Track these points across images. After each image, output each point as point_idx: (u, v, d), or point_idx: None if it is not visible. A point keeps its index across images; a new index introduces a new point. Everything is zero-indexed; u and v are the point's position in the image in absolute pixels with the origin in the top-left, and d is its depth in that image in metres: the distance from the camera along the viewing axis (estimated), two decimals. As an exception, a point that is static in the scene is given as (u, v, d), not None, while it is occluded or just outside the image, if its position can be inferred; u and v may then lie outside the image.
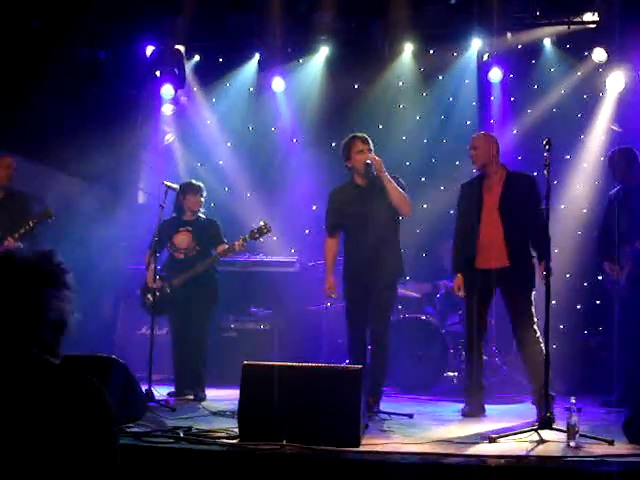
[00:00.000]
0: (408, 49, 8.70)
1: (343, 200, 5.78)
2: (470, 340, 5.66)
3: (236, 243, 6.40)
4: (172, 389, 6.43)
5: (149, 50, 8.73)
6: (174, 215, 6.70)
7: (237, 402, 4.37)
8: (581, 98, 8.44)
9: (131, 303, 7.50)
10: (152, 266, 6.26)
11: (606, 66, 8.14)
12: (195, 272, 6.39)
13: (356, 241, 5.69)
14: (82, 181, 8.55)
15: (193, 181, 6.75)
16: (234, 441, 4.24)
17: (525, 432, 4.62)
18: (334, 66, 8.89)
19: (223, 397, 6.17)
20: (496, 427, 5.12)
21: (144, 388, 5.46)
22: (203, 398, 6.23)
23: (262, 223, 6.50)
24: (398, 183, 5.72)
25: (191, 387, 6.35)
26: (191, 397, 6.26)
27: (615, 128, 8.12)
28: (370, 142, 5.77)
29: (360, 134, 5.80)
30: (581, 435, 4.33)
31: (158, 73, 8.76)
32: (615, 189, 6.61)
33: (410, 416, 5.45)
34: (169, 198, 6.32)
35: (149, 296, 6.38)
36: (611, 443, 4.31)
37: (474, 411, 5.62)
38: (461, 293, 5.73)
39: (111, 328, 8.22)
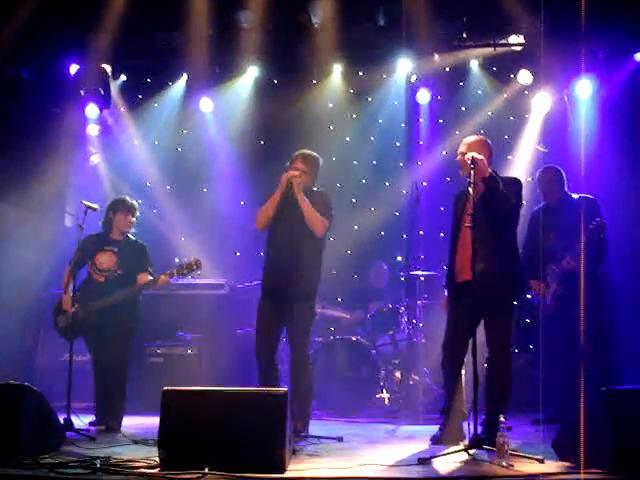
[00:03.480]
0: (337, 70, 8.73)
1: None
2: (444, 355, 5.40)
3: (161, 277, 6.09)
4: (93, 417, 6.15)
5: (73, 69, 8.54)
6: (101, 231, 6.36)
7: (159, 430, 4.21)
8: (508, 119, 8.58)
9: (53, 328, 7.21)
10: (70, 286, 5.99)
11: (532, 87, 8.31)
12: (114, 301, 6.04)
13: (274, 255, 5.61)
14: (5, 204, 8.27)
15: (127, 198, 6.40)
16: (154, 470, 4.06)
17: (455, 452, 4.57)
18: (263, 87, 8.85)
19: (147, 425, 5.96)
20: (427, 448, 5.06)
21: (62, 417, 5.23)
22: (115, 429, 5.89)
23: (193, 259, 6.17)
24: (322, 199, 5.65)
25: (104, 417, 6.02)
26: (103, 427, 5.92)
27: (541, 149, 8.24)
28: (312, 162, 5.68)
29: (306, 152, 5.73)
30: (511, 454, 4.31)
31: (82, 92, 8.57)
32: (538, 206, 6.68)
33: (340, 439, 5.36)
34: (89, 218, 6.09)
35: (62, 317, 6.11)
36: (541, 461, 4.31)
37: (447, 437, 5.20)
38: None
39: (31, 354, 7.91)
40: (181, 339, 7.72)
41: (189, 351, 7.62)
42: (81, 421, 5.80)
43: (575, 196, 6.53)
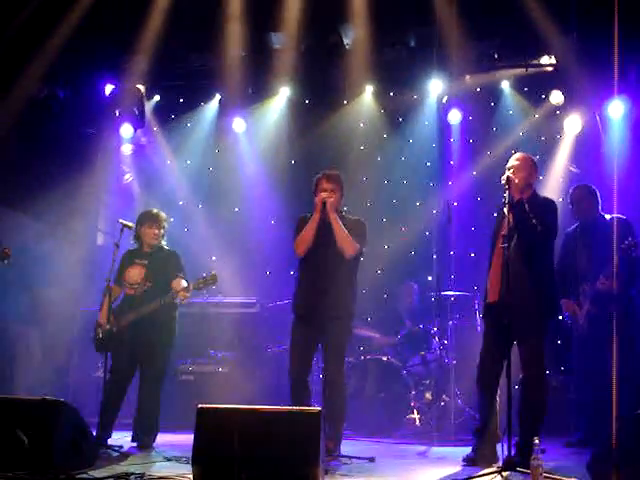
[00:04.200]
0: (368, 91, 8.78)
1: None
2: (478, 375, 5.39)
3: (181, 292, 6.11)
4: (130, 434, 6.17)
5: (109, 89, 8.68)
6: (135, 247, 6.41)
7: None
8: (539, 140, 8.55)
9: (87, 345, 7.27)
10: (106, 300, 6.04)
11: (563, 108, 8.28)
12: (144, 312, 6.07)
13: (308, 276, 5.62)
14: (40, 223, 8.38)
15: (152, 210, 6.44)
16: (188, 487, 4.09)
17: (489, 474, 4.54)
18: (295, 107, 8.92)
19: (179, 442, 5.99)
20: (459, 470, 5.03)
21: (96, 433, 5.28)
22: (148, 446, 5.92)
23: (210, 274, 6.23)
24: (358, 226, 5.67)
25: (141, 434, 6.04)
26: (134, 444, 5.96)
27: (573, 169, 8.22)
28: (339, 181, 5.73)
29: (330, 172, 5.77)
30: (545, 476, 4.27)
31: (117, 112, 8.70)
32: (572, 227, 6.64)
33: (371, 460, 5.35)
34: (125, 237, 6.17)
35: (98, 331, 6.14)
36: (575, 483, 4.27)
37: (480, 458, 5.18)
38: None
39: (65, 371, 7.98)
40: (212, 357, 7.75)
41: (220, 369, 7.64)
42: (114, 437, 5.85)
43: (608, 217, 6.48)
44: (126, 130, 8.84)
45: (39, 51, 7.92)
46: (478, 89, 8.55)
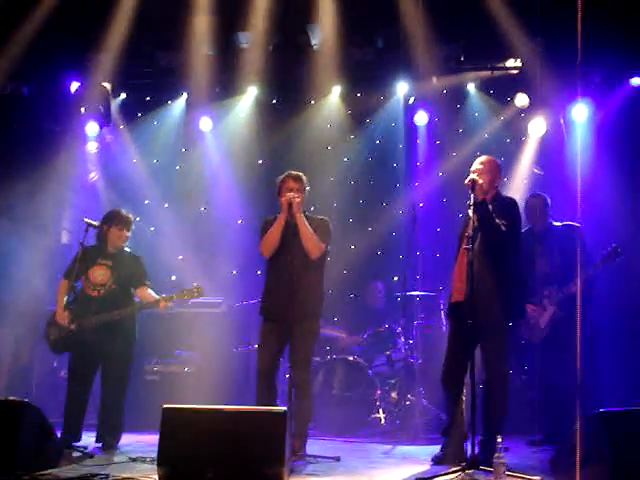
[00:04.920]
0: (336, 91, 8.80)
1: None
2: (443, 375, 5.44)
3: (161, 302, 6.10)
4: (94, 434, 6.11)
5: (74, 86, 8.59)
6: (95, 245, 6.31)
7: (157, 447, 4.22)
8: (504, 141, 8.64)
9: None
10: (63, 298, 5.99)
11: (528, 111, 8.38)
12: (111, 317, 6.01)
13: (275, 277, 5.64)
14: (4, 221, 8.29)
15: (121, 211, 6.36)
16: (153, 488, 4.08)
17: (453, 473, 4.59)
18: (262, 107, 8.92)
19: (144, 442, 5.97)
20: (425, 469, 5.07)
21: (60, 433, 5.24)
22: (113, 446, 5.90)
23: (195, 285, 6.22)
24: (322, 225, 5.69)
25: (103, 434, 6.00)
26: (99, 445, 5.93)
27: (537, 171, 8.32)
28: (303, 181, 5.75)
29: (294, 172, 5.78)
30: (508, 474, 4.33)
31: (83, 110, 8.62)
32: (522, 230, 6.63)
33: (337, 459, 5.38)
34: (90, 236, 6.12)
35: (53, 330, 6.08)
36: (538, 482, 4.33)
37: (448, 457, 5.23)
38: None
39: (29, 372, 7.90)
40: (178, 357, 7.72)
41: (186, 369, 7.60)
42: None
43: (558, 224, 6.63)
44: (92, 128, 8.76)
45: (3, 48, 7.83)
46: (444, 91, 8.60)
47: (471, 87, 8.66)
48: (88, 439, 5.98)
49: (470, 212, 5.05)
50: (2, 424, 4.52)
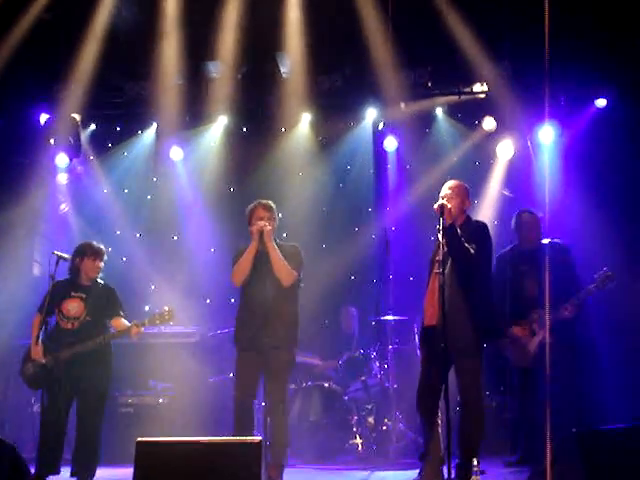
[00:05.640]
0: (305, 119, 8.85)
1: None
2: (418, 400, 5.39)
3: (133, 328, 6.02)
4: (69, 469, 6.01)
5: (43, 118, 8.56)
6: (67, 278, 6.25)
7: (132, 481, 4.17)
8: (473, 164, 8.73)
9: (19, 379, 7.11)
10: (37, 333, 5.93)
11: (496, 134, 8.47)
12: (85, 348, 5.93)
13: (248, 306, 5.63)
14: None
15: (93, 243, 6.30)
16: (128, 523, 4.03)
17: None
18: (232, 135, 8.96)
19: (119, 476, 5.90)
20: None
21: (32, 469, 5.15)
22: None
23: (166, 309, 6.14)
24: (292, 253, 5.70)
25: (80, 468, 5.90)
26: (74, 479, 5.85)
27: (506, 193, 8.41)
28: (274, 210, 5.76)
29: (264, 201, 5.79)
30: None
31: (52, 141, 8.58)
32: (505, 250, 6.66)
33: (314, 487, 5.35)
34: (60, 269, 6.07)
35: (30, 365, 6.01)
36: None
37: None
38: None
39: (1, 406, 7.77)
40: (152, 388, 7.65)
41: (160, 400, 7.54)
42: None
43: (545, 241, 6.47)
44: (62, 159, 8.72)
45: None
46: (413, 116, 8.68)
47: (439, 111, 8.75)
48: (63, 474, 5.89)
49: (439, 237, 5.09)
50: (-27, 462, 4.45)
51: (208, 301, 8.75)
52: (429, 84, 8.50)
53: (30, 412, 7.52)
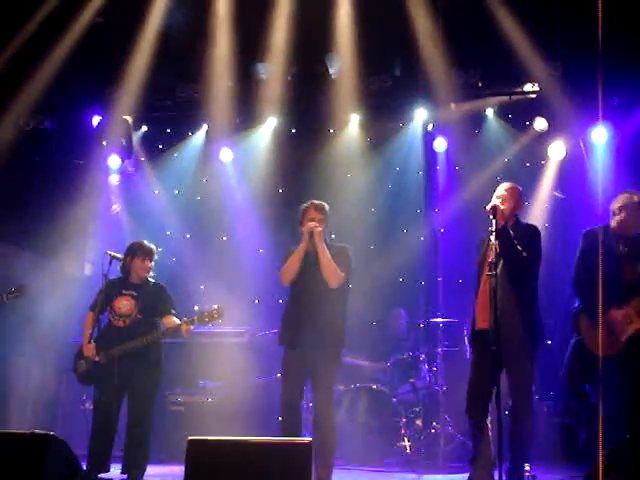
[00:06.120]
0: (354, 120, 8.85)
1: None
2: (468, 403, 5.29)
3: (183, 326, 6.03)
4: (119, 466, 6.09)
5: (96, 120, 8.72)
6: (120, 276, 6.32)
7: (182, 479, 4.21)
8: (524, 166, 8.63)
9: (74, 377, 7.23)
10: (90, 331, 6.02)
11: (547, 135, 8.36)
12: (136, 345, 5.98)
13: (296, 306, 5.63)
14: (28, 253, 8.37)
15: (144, 243, 6.35)
16: (179, 520, 4.06)
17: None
18: (281, 136, 8.99)
19: (168, 474, 5.95)
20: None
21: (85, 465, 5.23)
22: (138, 477, 5.85)
23: (215, 307, 6.11)
24: (341, 254, 5.69)
25: (128, 466, 5.99)
26: (124, 477, 5.88)
27: (558, 195, 8.29)
28: (326, 211, 5.76)
29: (317, 202, 5.79)
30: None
31: (105, 143, 8.73)
32: (593, 228, 5.92)
33: (362, 489, 5.33)
34: (113, 268, 6.17)
35: (82, 362, 6.10)
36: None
37: None
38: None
39: (54, 404, 7.92)
40: (202, 387, 7.71)
41: (209, 399, 7.60)
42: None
43: None
44: (114, 161, 8.89)
45: (27, 84, 7.98)
46: (463, 116, 8.61)
47: (489, 112, 8.68)
48: (114, 471, 5.97)
49: (492, 238, 5.03)
50: (27, 458, 4.51)
51: (256, 301, 8.79)
52: (479, 84, 8.44)
53: (82, 409, 7.63)
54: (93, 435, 5.95)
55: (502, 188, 5.49)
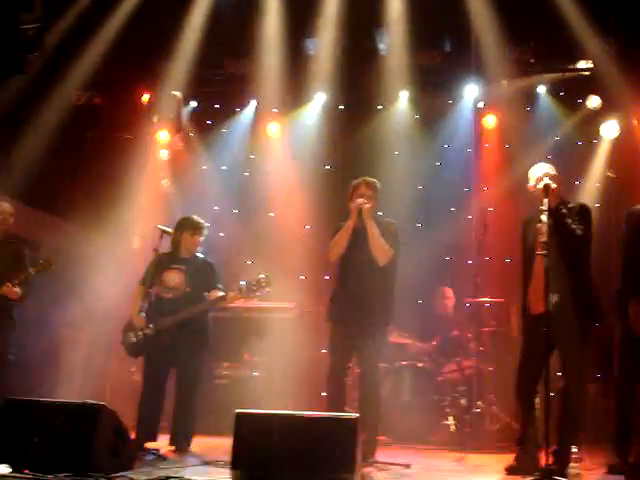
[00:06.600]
0: (403, 96, 8.76)
1: None
2: (517, 384, 5.29)
3: (230, 294, 6.12)
4: (167, 437, 6.20)
5: (146, 96, 8.78)
6: (170, 251, 6.42)
7: (229, 451, 4.26)
8: (576, 144, 8.47)
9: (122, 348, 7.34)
10: (139, 304, 6.10)
11: (600, 113, 8.19)
12: (183, 317, 6.06)
13: (344, 282, 5.63)
14: (78, 227, 8.49)
15: (193, 217, 6.45)
16: (227, 492, 4.12)
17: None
18: (330, 113, 8.94)
19: (215, 446, 6.03)
20: (496, 478, 5.00)
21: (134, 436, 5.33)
22: (185, 449, 5.97)
23: (262, 276, 6.14)
24: (389, 230, 5.67)
25: (176, 437, 6.08)
26: (172, 448, 6.00)
27: (610, 174, 8.13)
28: (377, 188, 5.74)
29: (369, 179, 5.78)
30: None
31: (154, 119, 8.79)
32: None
33: (407, 466, 5.34)
34: (163, 242, 6.23)
35: (131, 334, 6.19)
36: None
37: (521, 467, 5.08)
38: None
39: (103, 374, 8.06)
40: (248, 361, 7.78)
41: (255, 373, 7.67)
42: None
43: None
44: (163, 136, 8.94)
45: (77, 59, 8.05)
46: (514, 94, 8.48)
47: (541, 89, 8.54)
48: (161, 442, 6.07)
49: (544, 218, 4.95)
50: (79, 426, 4.62)
51: (303, 277, 8.81)
52: (532, 61, 8.30)
53: (130, 380, 7.76)
54: (141, 406, 6.06)
55: (550, 167, 5.39)
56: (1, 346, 6.59)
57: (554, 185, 5.10)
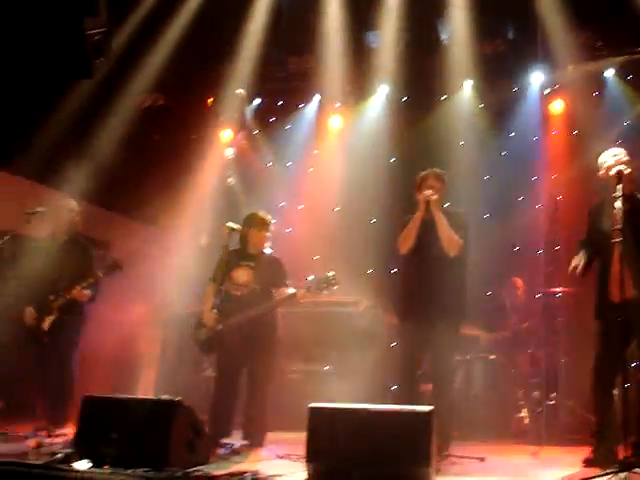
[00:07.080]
0: (467, 85, 8.67)
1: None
2: (595, 376, 5.17)
3: (300, 291, 6.13)
4: (241, 432, 6.26)
5: (210, 95, 8.88)
6: (238, 247, 6.43)
7: (302, 446, 4.28)
8: (647, 129, 8.24)
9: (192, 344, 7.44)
10: (211, 301, 6.18)
11: (672, 95, 7.96)
12: (253, 314, 6.07)
13: (413, 276, 5.60)
14: (146, 226, 8.66)
15: (259, 213, 6.45)
16: (304, 485, 4.15)
17: (605, 475, 4.40)
18: (393, 105, 8.90)
19: (288, 440, 6.06)
20: (572, 470, 4.91)
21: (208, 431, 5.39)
22: (259, 444, 5.98)
23: (330, 274, 6.11)
24: (458, 221, 5.61)
25: (250, 432, 6.12)
26: (246, 443, 6.07)
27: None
28: (444, 181, 5.70)
29: (438, 171, 5.74)
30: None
31: (219, 117, 8.90)
32: None
33: (482, 459, 5.28)
34: (232, 240, 6.29)
35: (203, 331, 6.23)
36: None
37: (599, 459, 4.97)
38: None
39: (176, 371, 8.20)
40: (318, 356, 7.80)
41: (326, 367, 7.69)
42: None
43: None
44: (227, 134, 9.03)
45: (142, 62, 8.20)
46: (581, 78, 8.30)
47: (609, 73, 8.33)
48: (235, 437, 6.14)
49: (618, 204, 4.82)
50: (156, 421, 4.70)
51: (370, 271, 8.79)
52: (599, 44, 8.10)
53: (202, 376, 7.88)
54: (215, 401, 6.13)
55: (623, 153, 5.25)
56: (72, 340, 6.65)
57: (627, 170, 4.97)
